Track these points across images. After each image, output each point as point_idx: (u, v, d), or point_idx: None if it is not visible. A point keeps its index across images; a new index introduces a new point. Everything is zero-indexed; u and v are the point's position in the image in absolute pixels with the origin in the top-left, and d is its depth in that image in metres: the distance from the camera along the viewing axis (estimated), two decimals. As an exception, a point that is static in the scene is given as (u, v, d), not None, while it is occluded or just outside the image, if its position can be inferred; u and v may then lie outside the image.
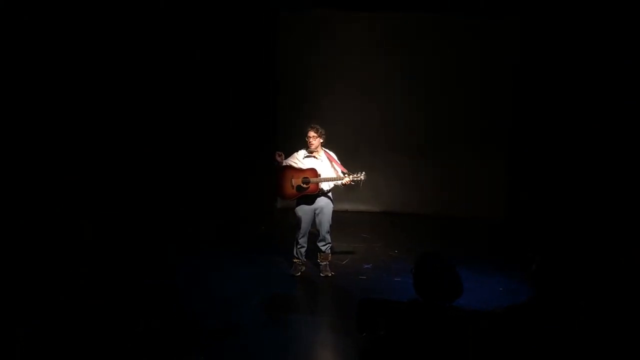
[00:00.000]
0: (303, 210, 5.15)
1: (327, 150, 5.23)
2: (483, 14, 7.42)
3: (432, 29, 7.72)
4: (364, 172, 4.97)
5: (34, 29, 5.40)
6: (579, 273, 2.15)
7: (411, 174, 7.91)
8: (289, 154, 5.25)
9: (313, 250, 5.32)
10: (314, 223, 5.23)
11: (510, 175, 7.58)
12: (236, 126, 7.75)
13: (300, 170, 5.06)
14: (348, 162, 5.28)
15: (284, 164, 5.12)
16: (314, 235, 5.31)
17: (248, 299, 4.54)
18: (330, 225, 5.22)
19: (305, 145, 5.14)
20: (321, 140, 5.10)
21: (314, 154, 5.13)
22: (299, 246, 5.24)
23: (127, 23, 6.46)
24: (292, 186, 5.05)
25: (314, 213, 5.17)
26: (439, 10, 7.57)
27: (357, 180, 4.97)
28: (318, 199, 5.12)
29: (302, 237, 5.21)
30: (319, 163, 5.11)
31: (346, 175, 5.00)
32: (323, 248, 5.24)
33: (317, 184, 5.01)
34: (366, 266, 5.59)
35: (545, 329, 2.04)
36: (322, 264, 5.28)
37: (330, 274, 5.24)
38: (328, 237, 5.22)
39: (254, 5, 7.64)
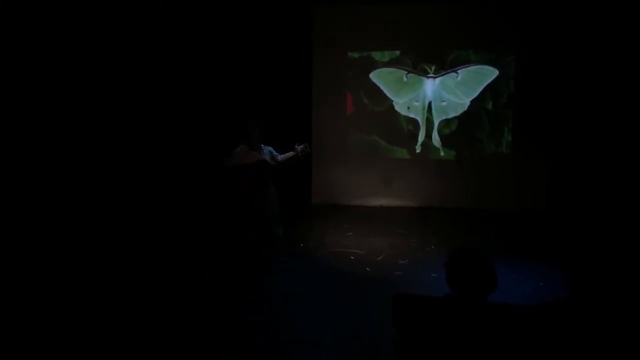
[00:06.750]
0: None
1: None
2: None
3: (465, 17, 7.58)
4: None
5: (57, 30, 5.56)
6: (622, 269, 2.07)
7: (448, 168, 7.79)
8: (320, 148, 5.24)
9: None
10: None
11: (551, 167, 7.36)
12: (273, 126, 7.80)
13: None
14: (382, 155, 5.21)
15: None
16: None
17: (281, 295, 4.56)
18: None
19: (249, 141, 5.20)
20: None
21: None
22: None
23: (160, 21, 6.62)
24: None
25: None
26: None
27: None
28: None
29: None
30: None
31: None
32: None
33: None
34: (402, 262, 5.53)
35: (587, 326, 1.96)
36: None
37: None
38: None
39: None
